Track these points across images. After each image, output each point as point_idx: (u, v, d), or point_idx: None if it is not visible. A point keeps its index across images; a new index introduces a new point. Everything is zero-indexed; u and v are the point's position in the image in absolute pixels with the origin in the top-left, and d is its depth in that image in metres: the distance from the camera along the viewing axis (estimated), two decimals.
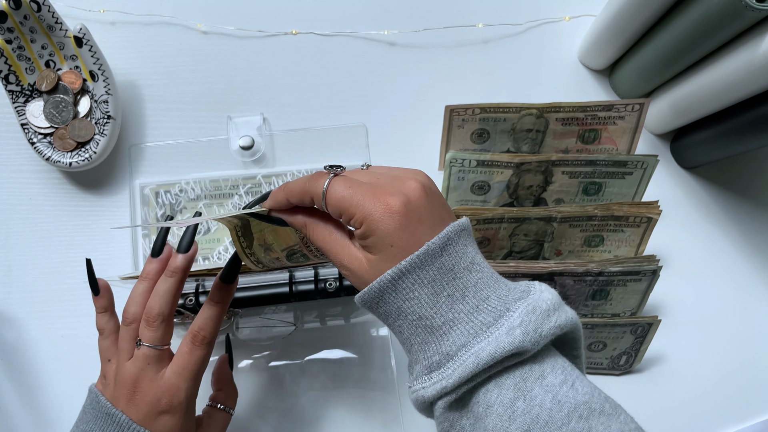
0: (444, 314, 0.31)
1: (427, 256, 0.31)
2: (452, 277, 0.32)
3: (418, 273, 0.31)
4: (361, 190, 0.33)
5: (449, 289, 0.31)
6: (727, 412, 0.57)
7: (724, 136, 0.55)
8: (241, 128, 0.57)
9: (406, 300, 0.32)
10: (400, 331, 0.33)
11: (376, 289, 0.32)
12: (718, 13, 0.45)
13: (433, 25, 0.62)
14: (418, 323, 0.32)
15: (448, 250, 0.32)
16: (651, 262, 0.51)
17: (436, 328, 0.31)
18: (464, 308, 0.31)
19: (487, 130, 0.55)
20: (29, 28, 0.53)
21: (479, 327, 0.31)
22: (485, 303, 0.31)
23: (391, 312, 0.32)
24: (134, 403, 0.39)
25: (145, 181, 0.56)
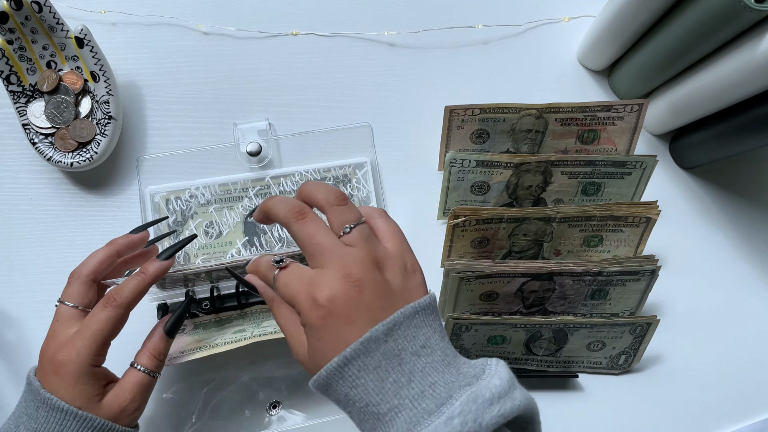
0: (390, 401, 0.31)
1: (370, 343, 0.32)
2: (399, 363, 0.32)
3: (363, 359, 0.32)
4: (297, 285, 0.34)
5: (395, 375, 0.31)
6: (726, 411, 0.57)
7: (722, 136, 0.55)
8: (246, 134, 0.57)
9: (353, 387, 0.32)
10: (351, 417, 0.33)
11: (324, 377, 0.33)
12: (717, 14, 0.45)
13: (432, 26, 0.62)
14: (366, 410, 0.32)
15: (394, 336, 0.32)
16: (650, 262, 0.51)
17: (382, 415, 0.31)
18: (409, 394, 0.31)
19: (487, 131, 0.56)
20: (30, 29, 0.54)
21: (421, 414, 0.31)
22: (431, 389, 0.31)
23: (341, 399, 0.33)
24: (40, 359, 0.40)
25: (155, 189, 0.56)
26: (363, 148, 0.58)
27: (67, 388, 0.38)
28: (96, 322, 0.40)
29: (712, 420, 0.57)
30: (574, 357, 0.55)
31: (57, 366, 0.39)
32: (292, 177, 0.57)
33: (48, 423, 0.37)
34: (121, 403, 0.40)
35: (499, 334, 0.52)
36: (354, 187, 0.57)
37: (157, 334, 0.43)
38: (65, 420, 0.37)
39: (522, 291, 0.53)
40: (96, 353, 0.39)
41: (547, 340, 0.53)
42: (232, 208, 0.57)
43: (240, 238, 0.56)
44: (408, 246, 0.38)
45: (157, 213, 0.56)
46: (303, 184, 0.39)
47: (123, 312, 0.41)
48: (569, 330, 0.53)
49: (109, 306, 0.40)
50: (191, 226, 0.56)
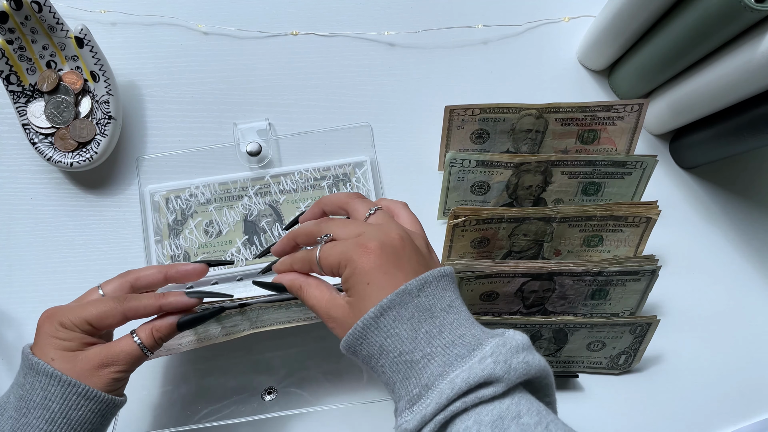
0: (422, 349, 0.34)
1: (405, 295, 0.34)
2: (430, 316, 0.35)
3: (398, 310, 0.34)
4: (345, 244, 0.37)
5: (427, 326, 0.34)
6: (726, 411, 0.57)
7: (722, 136, 0.55)
8: (246, 134, 0.57)
9: (388, 337, 0.34)
10: (383, 371, 0.35)
11: (360, 329, 0.35)
12: (717, 14, 0.45)
13: (432, 26, 0.62)
14: (399, 359, 0.34)
15: (426, 292, 0.35)
16: (650, 262, 0.51)
17: (416, 362, 0.34)
18: (441, 343, 0.34)
19: (487, 131, 0.56)
20: (30, 29, 0.54)
21: (454, 358, 0.33)
22: (461, 339, 0.34)
23: (374, 352, 0.35)
24: None
25: (154, 188, 0.56)
26: (363, 148, 0.58)
27: (45, 340, 0.39)
28: (94, 300, 0.41)
29: (712, 420, 0.57)
30: (574, 357, 0.55)
31: (40, 322, 0.40)
32: (291, 176, 0.57)
33: (33, 389, 0.37)
34: (102, 359, 0.39)
35: None
36: (354, 186, 0.57)
37: (168, 319, 0.42)
38: (49, 384, 0.37)
39: (522, 291, 0.53)
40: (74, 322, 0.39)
41: (548, 340, 0.53)
42: (232, 207, 0.57)
43: (240, 237, 0.56)
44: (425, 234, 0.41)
45: (156, 212, 0.56)
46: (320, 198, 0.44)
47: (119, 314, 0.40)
48: (569, 330, 0.53)
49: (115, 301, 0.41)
50: (191, 225, 0.56)
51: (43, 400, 0.37)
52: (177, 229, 0.56)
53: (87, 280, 0.56)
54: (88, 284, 0.56)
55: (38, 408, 0.37)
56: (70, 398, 0.37)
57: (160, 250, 0.56)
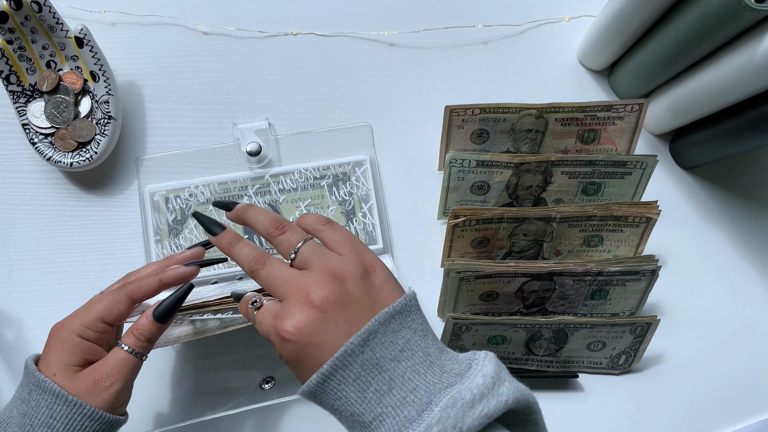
0: (373, 409, 0.32)
1: (346, 356, 0.32)
2: (378, 371, 0.32)
3: (341, 373, 0.32)
4: (268, 323, 0.36)
5: (376, 384, 0.32)
6: (727, 411, 0.57)
7: (723, 136, 0.55)
8: (246, 134, 0.57)
9: (337, 399, 0.33)
10: (344, 425, 0.34)
11: (308, 393, 0.33)
12: (717, 14, 0.45)
13: (432, 25, 0.62)
14: (352, 419, 0.33)
15: (371, 345, 0.32)
16: (650, 261, 0.51)
17: (368, 423, 0.32)
18: (391, 402, 0.31)
19: (487, 131, 0.56)
20: (30, 29, 0.54)
21: (403, 422, 0.31)
22: (412, 394, 0.31)
23: (329, 410, 0.34)
24: None
25: (154, 188, 0.56)
26: (363, 148, 0.58)
27: (48, 354, 0.39)
28: (97, 300, 0.41)
29: (712, 420, 0.57)
30: (574, 357, 0.55)
31: (50, 334, 0.40)
32: (291, 175, 0.57)
33: (39, 406, 0.37)
34: (97, 377, 0.38)
35: (499, 334, 0.52)
36: (353, 185, 0.57)
37: (145, 317, 0.41)
38: (55, 404, 0.37)
39: (522, 291, 0.53)
40: (85, 325, 0.39)
41: (547, 340, 0.53)
42: None
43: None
44: (362, 246, 0.37)
45: (156, 212, 0.56)
46: (243, 211, 0.41)
47: (125, 298, 0.41)
48: (569, 330, 0.53)
49: (117, 290, 0.41)
50: (191, 225, 0.56)
51: (48, 419, 0.37)
52: (177, 229, 0.56)
53: (87, 280, 0.56)
54: (88, 284, 0.56)
55: (42, 426, 0.37)
56: (75, 419, 0.37)
57: (160, 249, 0.56)
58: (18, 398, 0.39)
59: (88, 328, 0.39)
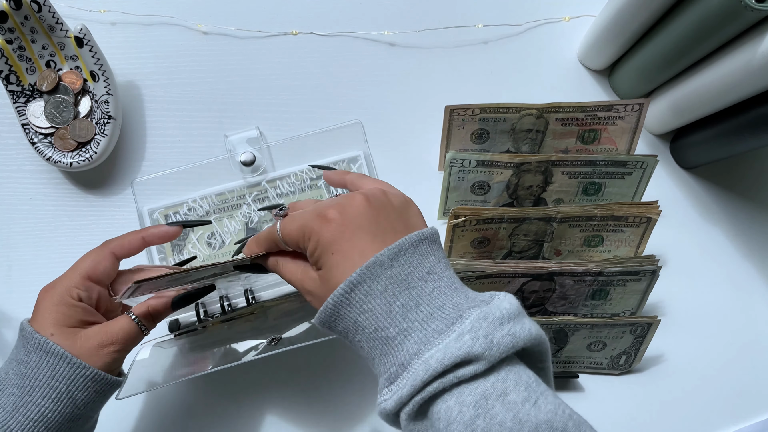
0: (398, 324, 0.31)
1: (376, 267, 0.32)
2: (405, 287, 0.32)
3: (369, 284, 0.32)
4: (304, 216, 0.35)
5: (402, 299, 0.32)
6: (727, 411, 0.57)
7: (723, 136, 0.55)
8: (237, 145, 0.57)
9: (361, 313, 0.32)
10: (360, 347, 0.33)
11: (331, 306, 0.33)
12: (718, 14, 0.45)
13: (433, 25, 0.62)
14: (375, 335, 0.32)
15: (400, 261, 0.32)
16: (650, 262, 0.51)
17: (392, 338, 0.31)
18: (418, 317, 0.31)
19: (487, 131, 0.56)
20: (30, 29, 0.54)
21: (431, 334, 0.31)
22: (440, 311, 0.31)
23: (349, 328, 0.33)
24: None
25: (153, 206, 0.56)
26: (356, 144, 0.58)
27: (42, 316, 0.39)
28: (79, 260, 0.41)
29: (712, 420, 0.56)
30: (574, 357, 0.55)
31: (40, 297, 0.40)
32: (288, 178, 0.57)
33: (39, 367, 0.37)
34: (101, 340, 0.39)
35: None
36: None
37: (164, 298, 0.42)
38: (57, 365, 0.37)
39: (522, 291, 0.53)
40: (73, 285, 0.40)
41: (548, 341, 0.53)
42: (231, 217, 0.57)
43: None
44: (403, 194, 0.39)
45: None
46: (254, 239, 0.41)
47: (107, 252, 0.41)
48: (570, 330, 0.52)
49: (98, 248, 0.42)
50: (193, 239, 0.56)
51: (50, 380, 0.37)
52: (180, 245, 0.56)
53: None
54: None
55: (44, 387, 0.37)
56: (78, 379, 0.38)
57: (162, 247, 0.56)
58: (14, 360, 0.39)
59: (76, 287, 0.40)
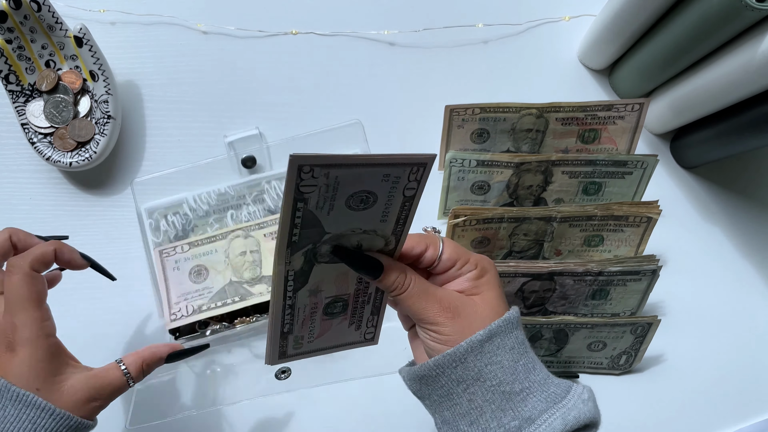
0: (521, 382, 0.33)
1: (509, 324, 0.34)
2: (524, 350, 0.34)
3: (502, 338, 0.33)
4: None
5: (525, 359, 0.33)
6: (727, 411, 0.57)
7: (723, 135, 0.55)
8: (237, 145, 0.57)
9: (489, 363, 0.33)
10: (470, 399, 0.33)
11: (463, 350, 0.32)
12: (718, 13, 0.45)
13: (433, 25, 0.62)
14: (497, 389, 0.32)
15: (519, 326, 0.35)
16: (651, 261, 0.51)
17: (515, 393, 0.32)
18: (537, 379, 0.33)
19: (487, 130, 0.55)
20: (29, 28, 0.53)
21: (553, 397, 0.33)
22: (550, 379, 0.34)
23: (468, 377, 0.33)
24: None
25: (152, 206, 0.56)
26: (356, 144, 0.57)
27: (22, 367, 0.36)
28: (11, 291, 0.37)
29: (713, 420, 0.56)
30: (574, 357, 0.55)
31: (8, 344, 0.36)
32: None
33: (19, 421, 0.35)
34: (90, 395, 0.37)
35: None
36: None
37: (159, 353, 0.41)
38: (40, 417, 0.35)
39: (523, 291, 0.52)
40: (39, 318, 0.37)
41: (548, 341, 0.53)
42: (233, 216, 0.56)
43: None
44: None
45: (157, 231, 0.55)
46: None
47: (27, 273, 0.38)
48: (570, 330, 0.52)
49: (11, 273, 0.38)
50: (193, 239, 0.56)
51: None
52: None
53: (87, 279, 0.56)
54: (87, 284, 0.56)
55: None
56: (61, 429, 0.36)
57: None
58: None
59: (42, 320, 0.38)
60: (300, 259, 0.34)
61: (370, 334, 0.40)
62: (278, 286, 0.34)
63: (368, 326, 0.40)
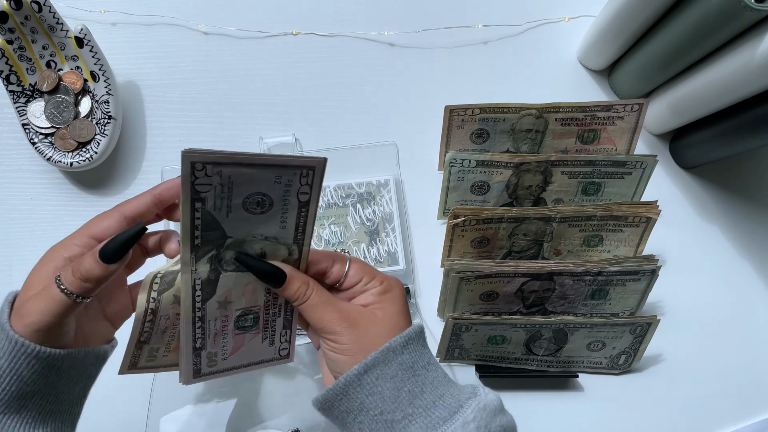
0: (404, 409, 0.33)
1: (389, 353, 0.34)
2: (412, 374, 0.34)
3: (381, 368, 0.34)
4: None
5: (409, 385, 0.34)
6: (726, 411, 0.57)
7: (722, 136, 0.55)
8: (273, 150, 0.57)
9: (369, 395, 0.33)
10: (360, 428, 0.34)
11: (342, 385, 0.34)
12: (717, 14, 0.45)
13: (433, 25, 0.62)
14: (380, 418, 0.33)
15: (409, 348, 0.35)
16: (650, 261, 0.51)
17: (397, 422, 0.33)
18: (422, 403, 0.33)
19: (487, 131, 0.56)
20: (30, 29, 0.54)
21: (436, 422, 0.33)
22: (441, 400, 0.34)
23: (353, 408, 0.34)
24: None
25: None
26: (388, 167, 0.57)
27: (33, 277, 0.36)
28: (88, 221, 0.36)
29: (712, 420, 0.57)
30: (574, 357, 0.55)
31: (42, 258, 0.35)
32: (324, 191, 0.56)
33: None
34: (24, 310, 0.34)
35: (499, 334, 0.52)
36: (378, 204, 0.56)
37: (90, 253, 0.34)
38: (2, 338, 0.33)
39: (522, 291, 0.53)
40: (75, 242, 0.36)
41: (547, 340, 0.53)
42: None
43: None
44: None
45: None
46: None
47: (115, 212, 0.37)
48: (569, 330, 0.53)
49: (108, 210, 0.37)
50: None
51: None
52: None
53: None
54: None
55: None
56: (19, 357, 0.33)
57: None
58: None
59: (76, 244, 0.35)
60: (205, 266, 0.34)
61: (284, 350, 0.40)
62: (186, 296, 0.34)
63: (282, 341, 0.39)
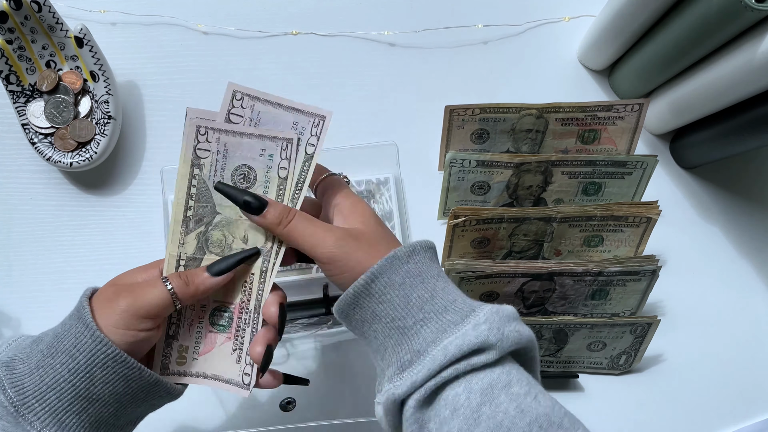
0: (415, 315, 0.33)
1: (395, 261, 0.34)
2: (421, 281, 0.34)
3: (388, 275, 0.34)
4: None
5: (419, 292, 0.34)
6: (727, 411, 0.57)
7: (723, 136, 0.55)
8: None
9: (380, 302, 0.34)
10: (375, 336, 0.35)
11: (352, 295, 0.34)
12: (718, 14, 0.45)
13: (433, 25, 0.62)
14: (392, 325, 0.34)
15: (414, 258, 0.35)
16: (650, 262, 0.51)
17: (408, 327, 0.33)
18: (433, 308, 0.34)
19: (487, 131, 0.56)
20: (30, 29, 0.54)
21: (447, 325, 0.33)
22: (453, 305, 0.34)
23: (367, 317, 0.35)
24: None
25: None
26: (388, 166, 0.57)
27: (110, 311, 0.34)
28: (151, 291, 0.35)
29: (712, 420, 0.57)
30: (574, 357, 0.55)
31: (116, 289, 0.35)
32: None
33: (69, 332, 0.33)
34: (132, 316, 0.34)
35: None
36: (378, 202, 0.56)
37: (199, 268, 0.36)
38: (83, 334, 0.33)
39: (522, 291, 0.53)
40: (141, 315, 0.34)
41: (548, 341, 0.53)
42: None
43: None
44: None
45: None
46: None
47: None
48: (570, 330, 0.53)
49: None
50: None
51: (72, 348, 0.33)
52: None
53: (87, 280, 0.56)
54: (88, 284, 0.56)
55: (64, 355, 0.32)
56: (98, 356, 0.32)
57: None
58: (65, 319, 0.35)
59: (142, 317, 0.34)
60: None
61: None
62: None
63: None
